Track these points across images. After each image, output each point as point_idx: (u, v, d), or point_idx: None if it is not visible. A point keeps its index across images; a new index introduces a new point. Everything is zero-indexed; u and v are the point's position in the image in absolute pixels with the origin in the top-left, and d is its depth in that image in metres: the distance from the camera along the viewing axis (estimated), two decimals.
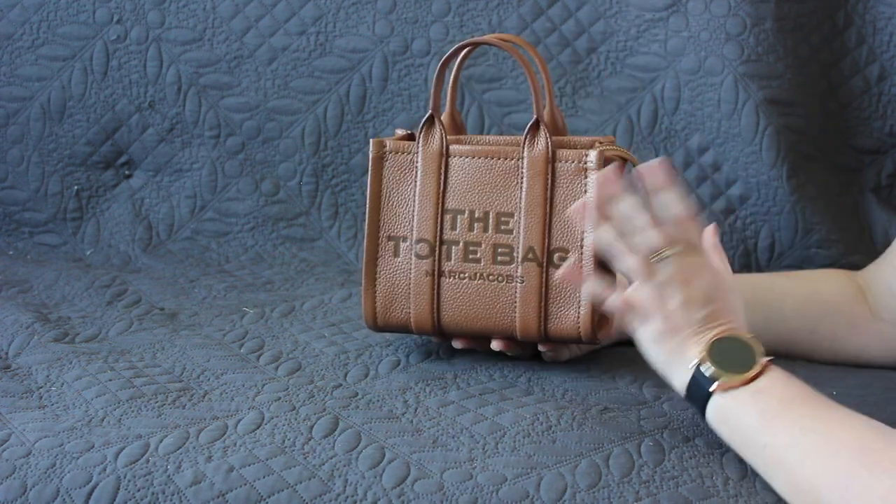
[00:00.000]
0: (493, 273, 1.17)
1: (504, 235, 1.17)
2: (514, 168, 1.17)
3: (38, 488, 1.03)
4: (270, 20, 1.63)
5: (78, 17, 1.66)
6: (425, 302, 1.20)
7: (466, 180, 1.18)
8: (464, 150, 1.19)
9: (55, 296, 1.46)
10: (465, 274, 1.18)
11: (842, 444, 0.95)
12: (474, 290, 1.18)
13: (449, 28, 1.59)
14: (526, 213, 1.16)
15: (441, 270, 1.19)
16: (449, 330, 1.21)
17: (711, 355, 1.03)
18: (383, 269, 1.21)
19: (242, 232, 1.63)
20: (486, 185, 1.18)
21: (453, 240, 1.18)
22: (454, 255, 1.18)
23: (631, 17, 1.55)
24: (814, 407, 0.99)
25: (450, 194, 1.19)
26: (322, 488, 1.01)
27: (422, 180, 1.20)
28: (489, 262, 1.17)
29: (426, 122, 1.20)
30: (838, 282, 1.30)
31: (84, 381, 1.19)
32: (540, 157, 1.16)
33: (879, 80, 1.51)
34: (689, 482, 1.01)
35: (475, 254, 1.18)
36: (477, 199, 1.18)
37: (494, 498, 0.99)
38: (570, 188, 1.15)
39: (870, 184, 1.53)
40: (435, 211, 1.19)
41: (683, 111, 1.53)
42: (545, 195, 1.15)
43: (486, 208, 1.18)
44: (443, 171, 1.19)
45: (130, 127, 1.66)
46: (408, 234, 1.20)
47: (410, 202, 1.20)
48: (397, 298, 1.21)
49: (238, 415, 1.12)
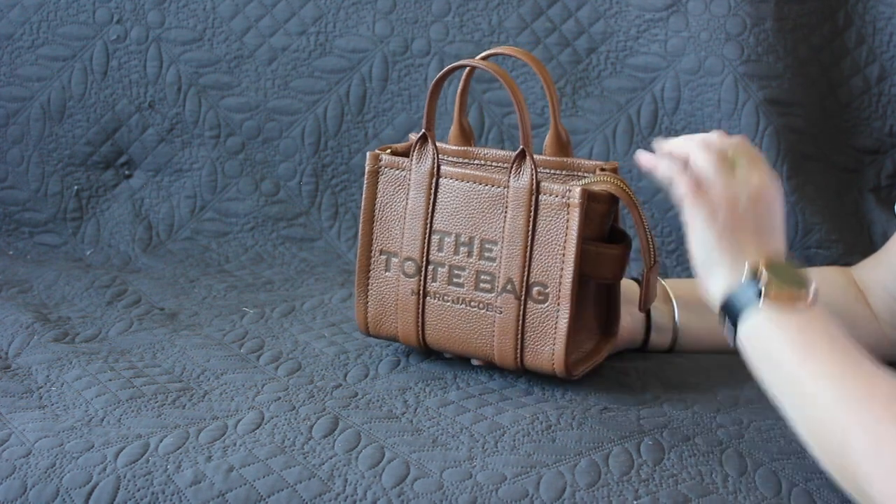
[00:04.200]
0: (475, 300, 1.16)
1: (487, 263, 1.15)
2: (501, 196, 1.15)
3: (38, 488, 1.03)
4: (270, 20, 1.63)
5: (78, 17, 1.66)
6: (411, 320, 1.19)
7: (455, 203, 1.17)
8: (454, 173, 1.17)
9: (55, 296, 1.46)
10: (448, 297, 1.17)
11: (877, 394, 0.92)
12: (457, 314, 1.17)
13: (449, 28, 1.59)
14: (507, 243, 1.14)
15: (426, 291, 1.18)
16: (434, 347, 1.21)
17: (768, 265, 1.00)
18: (374, 282, 1.21)
19: (242, 232, 1.63)
20: (474, 210, 1.16)
21: (439, 261, 1.17)
22: (439, 276, 1.17)
23: (631, 17, 1.55)
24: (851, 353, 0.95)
25: (438, 215, 1.17)
26: (322, 488, 1.01)
27: (412, 198, 1.19)
28: (472, 287, 1.16)
29: (419, 139, 1.19)
30: (839, 282, 1.30)
31: (84, 381, 1.19)
32: (524, 189, 1.13)
33: (879, 80, 1.51)
34: (688, 480, 1.01)
35: (459, 278, 1.17)
36: (464, 222, 1.16)
37: (494, 497, 0.99)
38: (554, 222, 1.12)
39: (869, 184, 1.53)
40: (423, 231, 1.18)
41: (683, 111, 1.53)
42: (527, 228, 1.13)
43: (472, 233, 1.16)
44: (433, 192, 1.18)
45: (130, 127, 1.66)
46: (398, 250, 1.20)
47: (402, 218, 1.19)
48: (387, 311, 1.21)
49: (238, 415, 1.12)
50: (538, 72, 1.17)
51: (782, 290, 0.98)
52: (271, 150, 1.63)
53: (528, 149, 1.13)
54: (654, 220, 1.53)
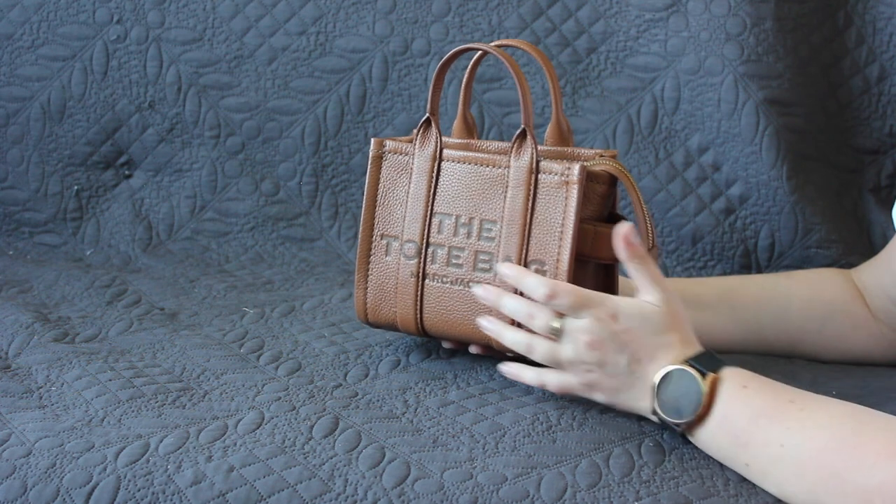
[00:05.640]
0: (473, 280, 1.16)
1: (486, 243, 1.16)
2: (501, 177, 1.16)
3: (39, 488, 1.03)
4: (270, 20, 1.63)
5: (78, 17, 1.66)
6: (410, 303, 1.20)
7: (456, 185, 1.18)
8: (455, 156, 1.18)
9: (55, 296, 1.46)
10: (447, 278, 1.18)
11: (825, 449, 0.95)
12: (455, 295, 1.17)
13: (449, 28, 1.59)
14: (507, 222, 1.15)
15: (425, 273, 1.19)
16: (431, 332, 1.21)
17: (661, 405, 1.04)
18: (375, 267, 1.22)
19: (242, 232, 1.63)
20: (474, 192, 1.17)
21: (439, 243, 1.18)
22: (438, 258, 1.18)
23: (631, 17, 1.55)
24: (783, 417, 0.98)
25: (439, 198, 1.18)
26: (322, 488, 1.01)
27: (415, 182, 1.20)
28: (470, 268, 1.17)
29: (423, 124, 1.20)
30: (839, 282, 1.30)
31: (84, 381, 1.19)
32: (524, 167, 1.14)
33: (879, 80, 1.51)
34: (689, 482, 1.01)
35: (458, 259, 1.17)
36: (464, 204, 1.17)
37: (495, 497, 0.99)
38: (553, 200, 1.13)
39: (869, 184, 1.53)
40: (424, 213, 1.19)
41: (683, 111, 1.53)
42: (526, 206, 1.14)
43: (472, 214, 1.17)
44: (434, 175, 1.19)
45: (130, 127, 1.66)
46: (399, 233, 1.20)
47: (404, 203, 1.20)
48: (386, 297, 1.21)
49: (238, 415, 1.12)
50: (541, 61, 1.18)
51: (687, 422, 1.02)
52: (271, 150, 1.63)
53: (529, 129, 1.14)
54: (653, 219, 1.53)
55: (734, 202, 1.51)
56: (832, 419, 0.96)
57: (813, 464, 0.95)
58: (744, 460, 0.99)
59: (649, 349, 1.05)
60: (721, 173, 1.52)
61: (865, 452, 0.92)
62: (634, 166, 1.54)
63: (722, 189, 1.52)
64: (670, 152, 1.53)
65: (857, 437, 0.93)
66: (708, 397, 1.01)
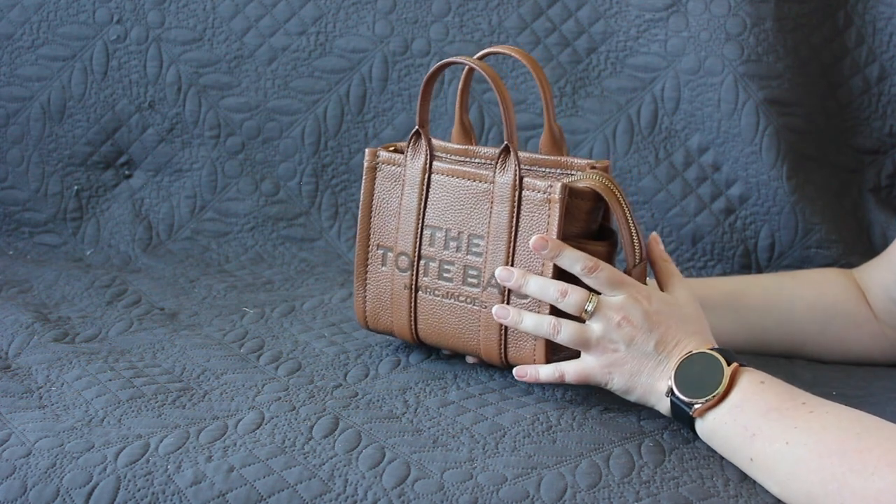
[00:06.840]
0: (463, 294, 1.17)
1: (474, 258, 1.16)
2: (487, 192, 1.16)
3: (39, 488, 1.03)
4: (270, 20, 1.63)
5: (78, 17, 1.66)
6: (404, 314, 1.20)
7: (446, 198, 1.18)
8: (444, 169, 1.18)
9: (55, 296, 1.46)
10: (438, 291, 1.18)
11: (827, 451, 0.95)
12: (446, 308, 1.18)
13: (449, 28, 1.59)
14: (493, 238, 1.15)
15: (418, 285, 1.19)
16: (427, 342, 1.22)
17: (679, 383, 1.05)
18: (372, 276, 1.22)
19: (242, 232, 1.63)
20: (462, 206, 1.17)
21: (430, 256, 1.18)
22: (430, 271, 1.18)
23: (631, 17, 1.55)
24: (793, 415, 0.99)
25: (430, 211, 1.19)
26: (322, 488, 1.01)
27: (406, 194, 1.20)
28: (460, 282, 1.17)
29: (413, 136, 1.20)
30: (841, 283, 1.30)
31: (84, 381, 1.19)
32: (508, 184, 1.14)
33: (879, 80, 1.51)
34: (689, 483, 1.01)
35: (448, 273, 1.17)
36: (453, 218, 1.17)
37: (495, 498, 0.99)
38: (536, 217, 1.13)
39: (869, 184, 1.53)
40: (416, 226, 1.19)
41: (683, 111, 1.53)
42: (511, 223, 1.14)
43: (461, 228, 1.17)
44: (425, 187, 1.19)
45: (130, 127, 1.66)
46: (393, 245, 1.20)
47: (397, 214, 1.20)
48: (383, 306, 1.22)
49: (238, 415, 1.12)
50: (532, 69, 1.18)
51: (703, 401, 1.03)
52: (271, 150, 1.63)
53: (512, 145, 1.14)
54: (653, 219, 1.53)
55: (734, 202, 1.51)
56: (839, 423, 0.97)
57: (814, 464, 0.95)
58: (749, 454, 1.00)
59: (677, 334, 1.08)
60: (721, 173, 1.52)
61: (867, 459, 0.92)
62: (634, 166, 1.54)
63: (722, 189, 1.52)
64: (670, 152, 1.53)
65: (861, 442, 0.94)
66: (729, 380, 1.03)
